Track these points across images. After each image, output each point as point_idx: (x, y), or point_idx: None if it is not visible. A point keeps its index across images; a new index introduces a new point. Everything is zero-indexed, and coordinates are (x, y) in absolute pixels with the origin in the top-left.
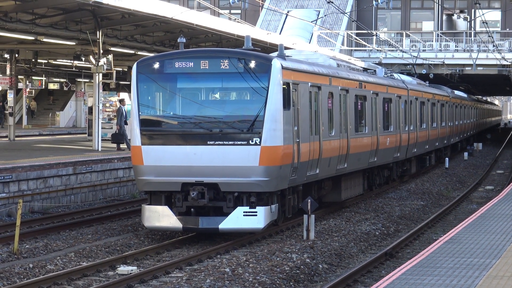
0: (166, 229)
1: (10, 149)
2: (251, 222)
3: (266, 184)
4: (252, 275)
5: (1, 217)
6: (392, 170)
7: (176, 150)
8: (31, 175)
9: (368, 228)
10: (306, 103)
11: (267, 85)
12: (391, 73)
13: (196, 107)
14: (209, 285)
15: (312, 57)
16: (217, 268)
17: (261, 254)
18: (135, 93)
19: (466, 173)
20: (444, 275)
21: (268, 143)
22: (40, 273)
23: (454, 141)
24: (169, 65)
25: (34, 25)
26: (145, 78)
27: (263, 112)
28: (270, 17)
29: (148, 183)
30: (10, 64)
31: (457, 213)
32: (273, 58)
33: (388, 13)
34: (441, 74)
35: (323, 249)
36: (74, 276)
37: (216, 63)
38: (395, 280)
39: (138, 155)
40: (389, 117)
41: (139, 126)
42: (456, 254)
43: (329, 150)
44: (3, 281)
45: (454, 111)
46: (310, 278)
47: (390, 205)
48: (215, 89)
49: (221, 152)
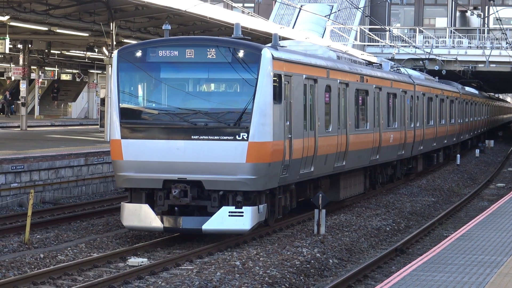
0: (146, 229)
1: (22, 139)
2: (237, 223)
3: (253, 182)
4: (262, 269)
5: (12, 207)
6: (396, 168)
7: (157, 145)
8: (43, 165)
9: (378, 224)
10: (300, 96)
11: (256, 76)
12: (397, 67)
13: (180, 99)
14: (219, 278)
15: (311, 49)
16: (227, 261)
17: (271, 248)
18: (115, 83)
19: (478, 170)
20: (455, 272)
21: (256, 139)
22: (51, 263)
23: (464, 139)
24: (152, 53)
25: (47, 16)
26: (126, 67)
27: (251, 106)
28: (283, 11)
29: (127, 180)
30: (23, 54)
31: (468, 210)
32: (263, 48)
33: (401, 9)
34: (453, 70)
35: (334, 244)
36: (85, 267)
37: (202, 52)
38: (406, 276)
39: (117, 149)
40: (393, 113)
41: (118, 118)
42: (467, 251)
43: (325, 147)
44: (14, 271)
45: (464, 107)
46: (320, 273)
47: (401, 201)
48: (200, 80)
49: (206, 148)
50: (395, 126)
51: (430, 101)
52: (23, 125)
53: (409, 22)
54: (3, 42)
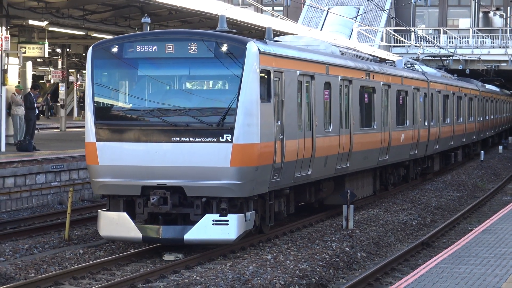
0: (124, 239)
1: (62, 139)
2: (222, 233)
3: (238, 188)
4: (293, 263)
5: (53, 205)
6: (409, 168)
7: (135, 148)
8: (81, 165)
9: (405, 218)
10: (294, 94)
11: (241, 72)
12: (411, 64)
13: (159, 98)
14: (252, 271)
15: (312, 44)
16: (259, 256)
17: (301, 243)
18: (90, 82)
19: (501, 166)
20: (479, 264)
21: (241, 141)
22: (90, 258)
23: (485, 136)
24: (129, 48)
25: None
26: (101, 63)
27: (236, 104)
28: (312, 14)
29: (103, 186)
30: (62, 58)
31: (491, 204)
32: (249, 41)
33: (426, 10)
34: (477, 69)
35: (362, 238)
36: (122, 262)
37: (182, 46)
38: (431, 268)
39: (93, 153)
40: (404, 111)
41: (93, 119)
42: (491, 244)
43: (325, 148)
44: (55, 266)
45: (485, 105)
46: (349, 266)
47: (427, 196)
48: (181, 77)
49: (187, 151)
50: (406, 125)
51: (447, 99)
52: (62, 126)
53: (434, 23)
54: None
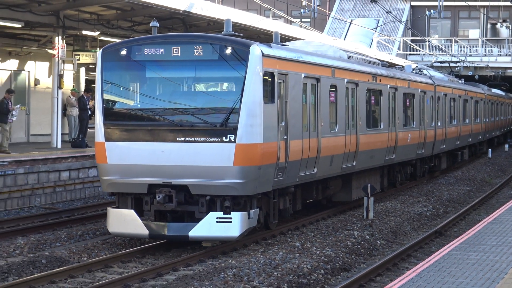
0: (132, 236)
1: None
2: (225, 230)
3: (242, 187)
4: (319, 249)
5: (103, 196)
6: (416, 167)
7: (142, 147)
8: None
9: (420, 210)
10: (298, 96)
11: (244, 74)
12: (420, 69)
13: (165, 99)
14: (282, 257)
15: (321, 49)
16: (288, 243)
17: (326, 231)
18: (99, 83)
19: (507, 163)
20: (488, 251)
21: (244, 140)
22: (136, 244)
23: (490, 137)
24: (137, 51)
25: (132, 31)
26: (110, 66)
27: (239, 105)
28: (336, 25)
29: (112, 184)
30: None
31: (498, 197)
32: (252, 44)
33: (439, 22)
34: (485, 75)
35: (381, 227)
36: (165, 247)
37: (188, 49)
38: (444, 255)
39: (102, 152)
40: (411, 112)
41: (102, 119)
42: (498, 233)
43: (330, 148)
44: (105, 251)
45: (490, 108)
46: (369, 252)
47: (440, 190)
48: (187, 78)
49: (192, 150)
50: (413, 126)
51: (453, 101)
52: None
53: (446, 34)
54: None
